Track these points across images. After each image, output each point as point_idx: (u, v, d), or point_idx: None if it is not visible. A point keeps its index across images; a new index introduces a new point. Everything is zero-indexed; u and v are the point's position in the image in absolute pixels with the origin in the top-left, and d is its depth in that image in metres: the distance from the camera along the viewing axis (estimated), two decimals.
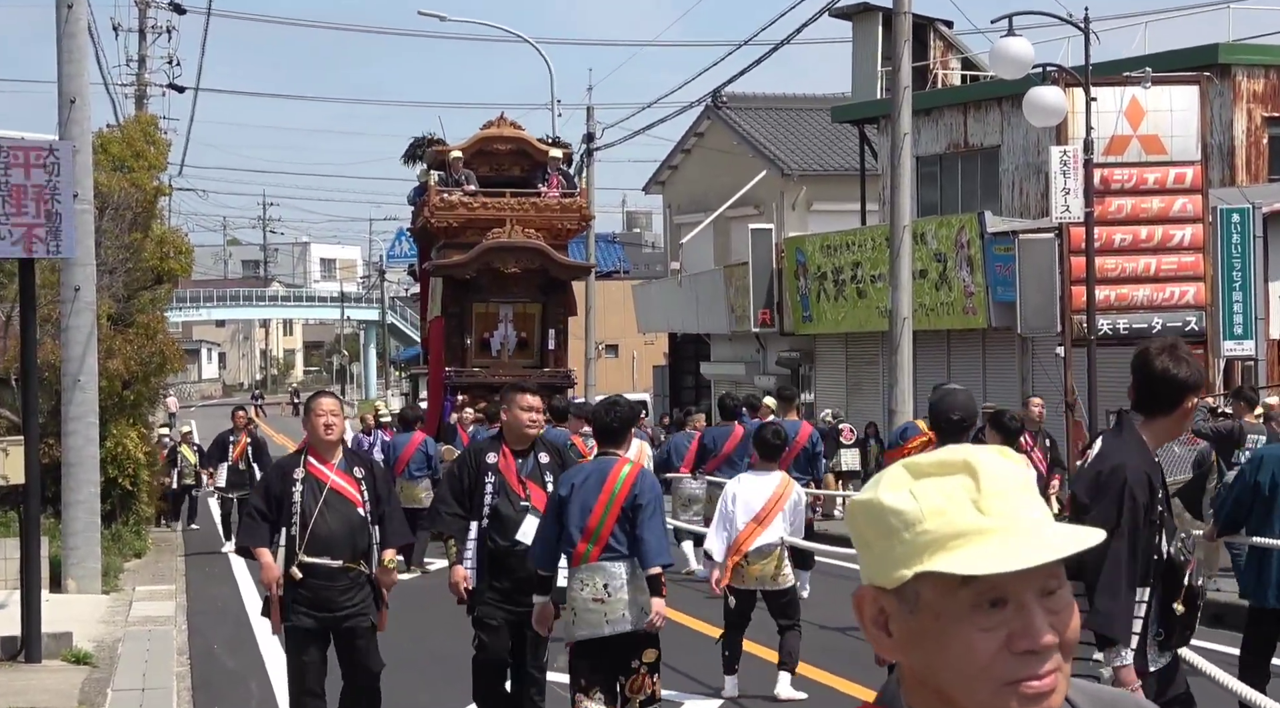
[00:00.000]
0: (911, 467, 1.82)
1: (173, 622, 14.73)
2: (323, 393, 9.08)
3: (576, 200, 25.94)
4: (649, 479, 7.93)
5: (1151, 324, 21.79)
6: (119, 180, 22.20)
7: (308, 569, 8.29)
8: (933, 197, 29.27)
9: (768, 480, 10.41)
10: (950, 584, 1.75)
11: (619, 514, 7.71)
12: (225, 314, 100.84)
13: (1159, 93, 21.48)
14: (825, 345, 32.24)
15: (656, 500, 7.82)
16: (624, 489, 7.73)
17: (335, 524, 8.32)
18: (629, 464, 7.88)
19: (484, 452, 8.81)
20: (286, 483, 8.40)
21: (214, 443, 23.04)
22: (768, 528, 10.22)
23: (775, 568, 10.32)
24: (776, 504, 10.26)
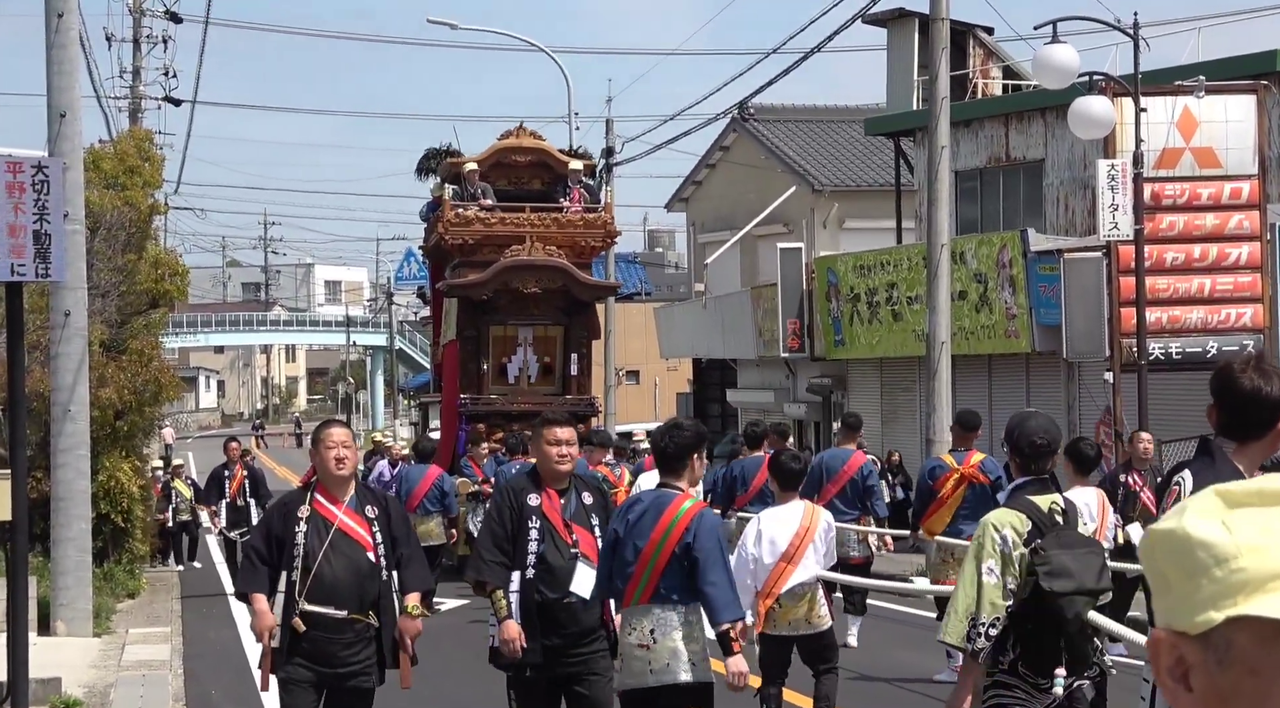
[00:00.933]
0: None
1: (168, 666, 14.73)
2: (333, 422, 8.74)
3: (601, 215, 25.52)
4: (708, 521, 7.53)
5: (1206, 348, 21.71)
6: (112, 199, 22.27)
7: (309, 619, 7.93)
8: (972, 213, 29.23)
9: (791, 512, 10.01)
10: (1272, 634, 1.58)
11: (669, 558, 7.41)
12: (224, 340, 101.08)
13: (1213, 102, 21.43)
14: (858, 371, 32.17)
15: (716, 547, 7.42)
16: (677, 531, 7.41)
17: (341, 570, 7.96)
18: (690, 501, 7.55)
19: (523, 492, 8.27)
20: (289, 522, 8.03)
21: (209, 479, 22.77)
22: (799, 565, 9.84)
23: (810, 609, 9.97)
24: (805, 537, 9.87)
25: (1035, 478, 6.54)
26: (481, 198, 25.07)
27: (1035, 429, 6.63)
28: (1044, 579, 6.19)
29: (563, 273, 24.34)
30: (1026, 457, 6.59)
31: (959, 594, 6.31)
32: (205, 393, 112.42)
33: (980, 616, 6.21)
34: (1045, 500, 6.45)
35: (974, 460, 13.55)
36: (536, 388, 24.88)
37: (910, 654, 14.67)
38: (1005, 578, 6.23)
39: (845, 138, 39.16)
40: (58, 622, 16.37)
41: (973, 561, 6.29)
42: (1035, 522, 6.33)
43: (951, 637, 6.30)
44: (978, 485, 13.37)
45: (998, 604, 6.22)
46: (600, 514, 8.18)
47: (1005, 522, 6.33)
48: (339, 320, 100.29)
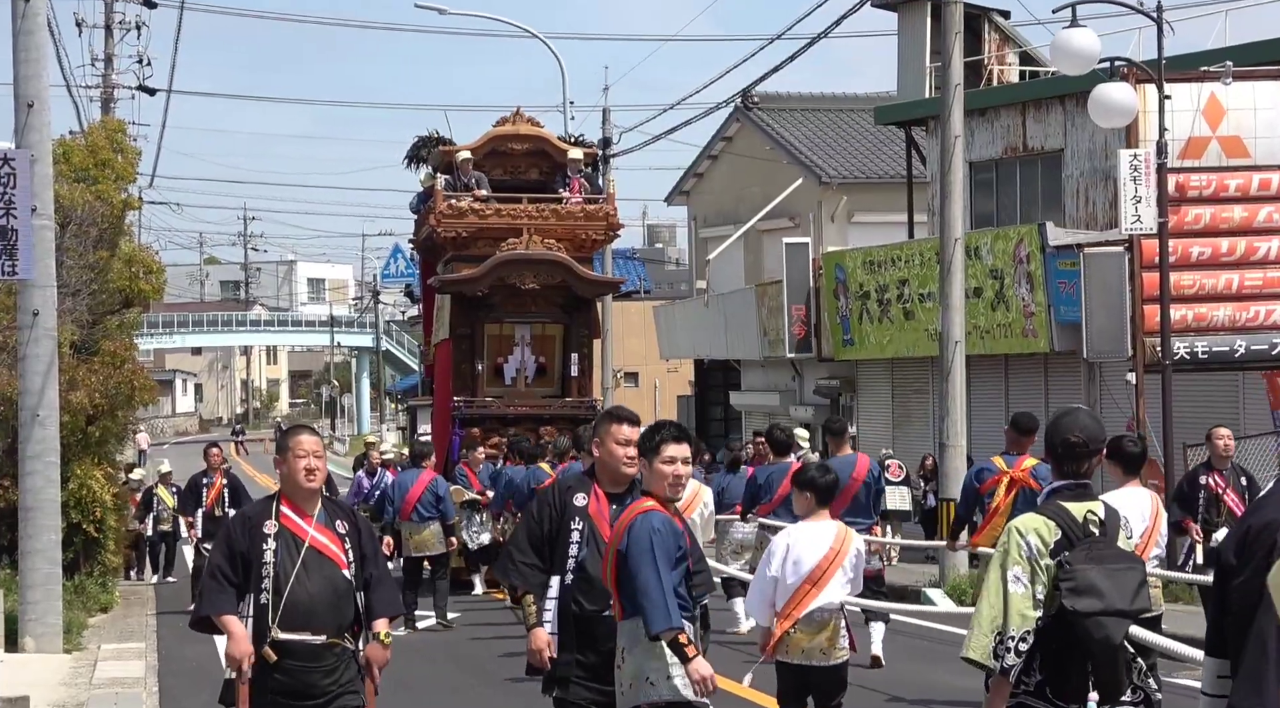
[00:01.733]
0: None
1: (142, 684, 14.70)
2: (302, 427, 8.18)
3: (602, 206, 25.12)
4: (640, 524, 7.20)
5: (1234, 347, 21.72)
6: (82, 193, 22.25)
7: (283, 649, 7.52)
8: (988, 206, 29.21)
9: (823, 533, 9.59)
10: None
11: (617, 569, 7.25)
12: (202, 341, 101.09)
13: (1241, 89, 21.44)
14: (869, 372, 32.16)
15: (645, 551, 7.10)
16: (619, 539, 7.26)
17: (317, 590, 7.56)
18: (646, 504, 7.32)
19: (571, 491, 8.01)
20: (255, 538, 7.61)
21: (187, 487, 22.43)
22: (823, 589, 9.44)
23: (829, 640, 9.51)
24: (834, 561, 9.48)
25: (1073, 482, 6.22)
26: (476, 188, 24.74)
27: (1070, 426, 6.31)
28: (1067, 597, 5.94)
29: (562, 268, 24.03)
30: (1059, 457, 6.29)
31: (982, 606, 6.05)
32: (182, 397, 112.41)
33: (1008, 629, 5.95)
34: (1081, 508, 6.14)
35: (1026, 464, 13.29)
36: (535, 389, 24.58)
37: (937, 671, 14.57)
38: (1034, 587, 5.99)
39: (854, 127, 39.16)
40: (26, 638, 16.35)
41: (997, 568, 6.05)
42: (1065, 531, 6.05)
43: (975, 653, 6.03)
44: (1029, 493, 12.94)
45: (1028, 616, 5.96)
46: None
47: (1030, 527, 6.07)
48: (323, 320, 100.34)
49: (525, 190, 25.02)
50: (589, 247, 25.36)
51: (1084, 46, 18.74)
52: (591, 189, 25.50)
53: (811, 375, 33.86)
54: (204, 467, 21.96)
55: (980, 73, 31.21)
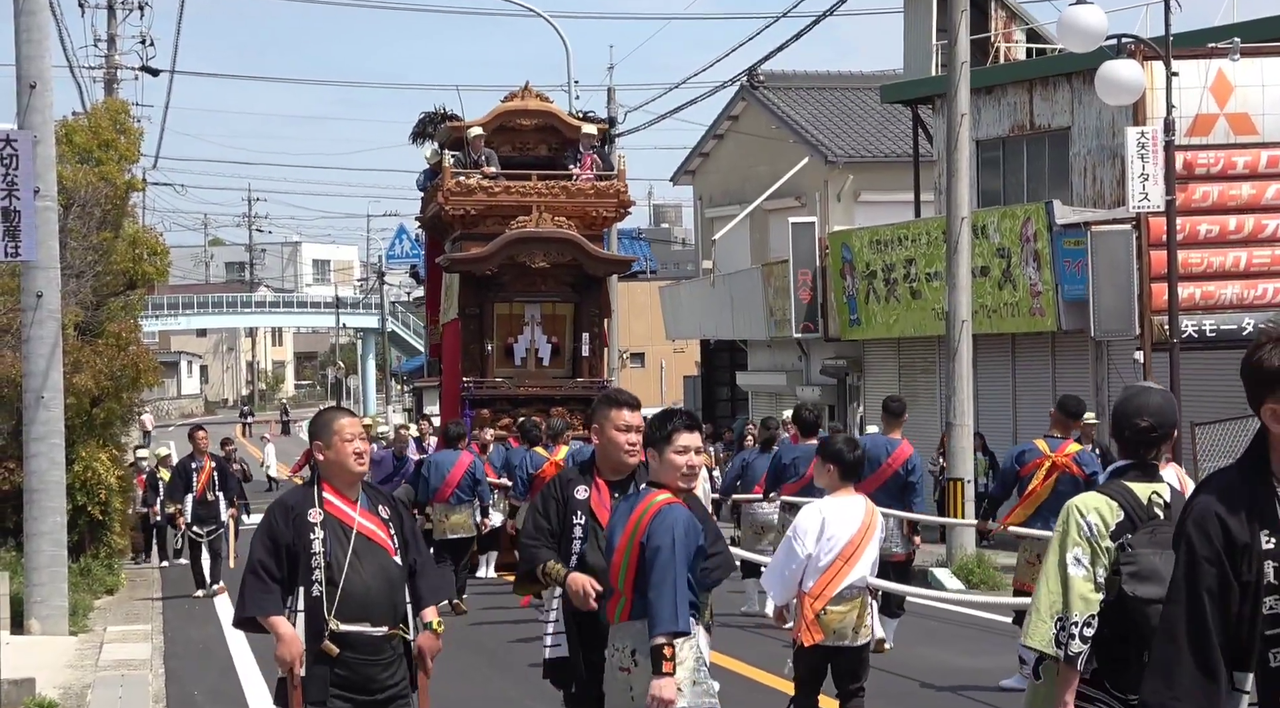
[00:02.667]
0: None
1: (148, 666, 14.74)
2: (340, 410, 7.77)
3: (613, 183, 24.81)
4: (666, 517, 6.81)
5: (1241, 325, 21.68)
6: (86, 174, 22.26)
7: (344, 641, 7.12)
8: (995, 185, 29.17)
9: (854, 508, 9.40)
10: None
11: (636, 566, 6.82)
12: (207, 322, 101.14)
13: (1249, 66, 21.39)
14: (875, 352, 32.15)
15: (668, 546, 6.73)
16: (640, 533, 6.81)
17: (372, 580, 7.18)
18: (660, 496, 6.92)
19: (572, 484, 7.78)
20: (300, 528, 7.19)
21: (175, 471, 22.16)
22: (854, 566, 9.25)
23: (857, 617, 9.29)
24: (865, 536, 9.32)
25: (1139, 462, 5.84)
26: (485, 165, 24.49)
27: (1140, 409, 5.85)
28: (1127, 582, 5.60)
29: (573, 246, 23.78)
30: (1127, 441, 5.87)
31: (1041, 591, 5.72)
32: (187, 379, 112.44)
33: (1070, 614, 5.64)
34: (1145, 489, 5.78)
35: (1069, 449, 12.94)
36: (546, 370, 24.36)
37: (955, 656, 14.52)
38: (1095, 569, 5.66)
39: (860, 106, 39.10)
40: (32, 620, 16.38)
41: (1056, 550, 5.72)
42: (1129, 512, 5.71)
43: (1036, 641, 5.70)
44: (1070, 477, 12.71)
45: (1090, 599, 5.64)
46: None
47: (1091, 506, 5.73)
48: (328, 302, 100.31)
49: (534, 167, 24.76)
50: (600, 224, 25.10)
51: (1091, 24, 18.70)
52: (604, 166, 25.16)
53: (818, 356, 33.86)
54: (191, 451, 21.58)
55: (987, 50, 31.14)
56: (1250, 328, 21.73)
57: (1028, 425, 26.78)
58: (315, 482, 7.35)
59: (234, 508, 21.43)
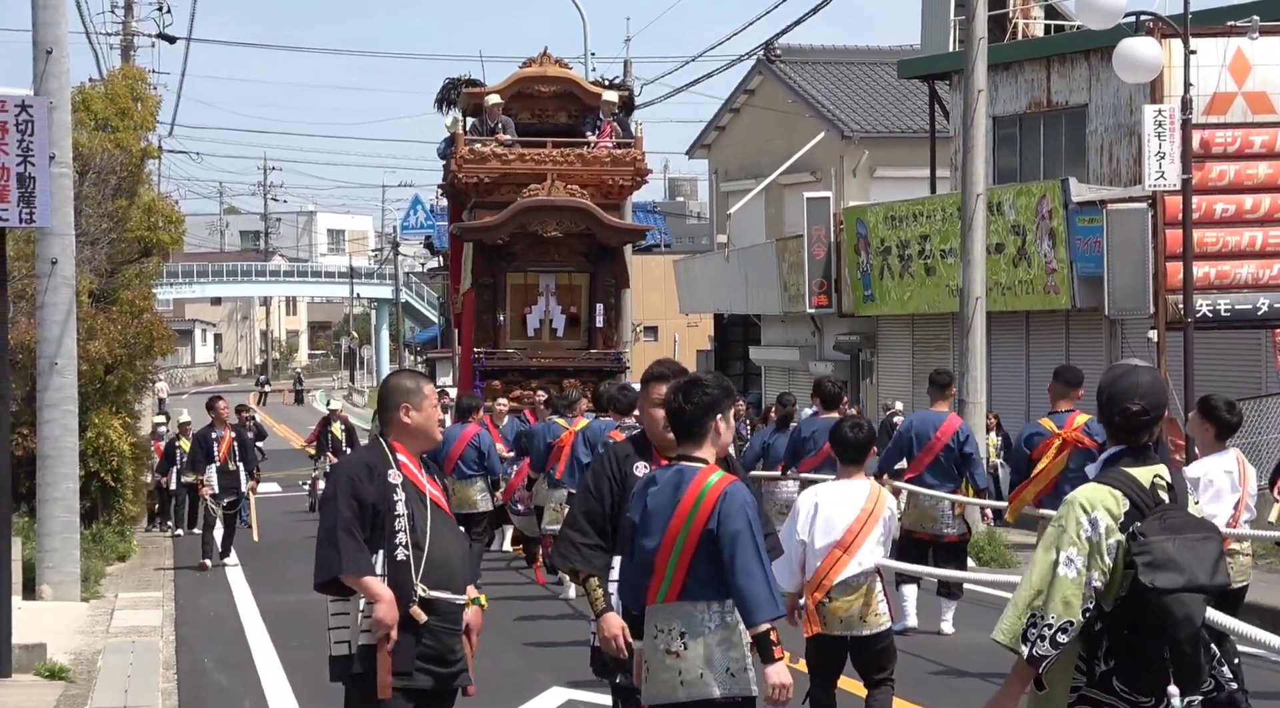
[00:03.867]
0: None
1: (159, 633, 14.78)
2: (421, 375, 7.49)
3: (630, 152, 24.34)
4: (736, 499, 6.46)
5: (1257, 305, 21.62)
6: (102, 141, 22.29)
7: (430, 607, 6.86)
8: (1011, 162, 29.11)
9: (854, 492, 8.99)
10: None
11: (695, 547, 6.46)
12: (221, 291, 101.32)
13: (1268, 44, 21.28)
14: (889, 328, 32.13)
15: (747, 530, 6.41)
16: (702, 513, 6.44)
17: (450, 545, 6.94)
18: (715, 476, 6.52)
19: (629, 460, 7.41)
20: (384, 489, 6.88)
21: (195, 442, 21.90)
22: (855, 555, 8.85)
23: (865, 605, 8.93)
24: (867, 523, 8.88)
25: (1133, 447, 5.50)
26: (501, 132, 24.16)
27: (1129, 391, 5.51)
28: (1144, 572, 5.23)
29: (585, 215, 23.43)
30: (1118, 427, 5.52)
31: (1023, 584, 5.41)
32: (201, 347, 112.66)
33: (1047, 614, 5.29)
34: (1146, 473, 5.44)
35: (1076, 422, 12.48)
36: (560, 341, 24.11)
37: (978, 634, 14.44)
38: (1090, 572, 5.31)
39: (877, 81, 39.01)
40: (44, 585, 16.43)
41: (1049, 546, 5.38)
42: (1134, 501, 5.37)
43: (1003, 635, 5.37)
44: (1083, 452, 12.18)
45: (1072, 605, 5.29)
46: None
47: (1097, 501, 5.37)
48: (342, 271, 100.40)
49: (553, 135, 24.39)
50: (616, 193, 24.65)
51: (1110, 1, 18.62)
52: (624, 134, 24.72)
53: (831, 331, 33.84)
54: (210, 420, 21.31)
55: (1005, 26, 31.05)
56: (1265, 308, 21.67)
57: (1040, 404, 26.66)
58: (388, 443, 7.03)
59: (254, 480, 21.37)
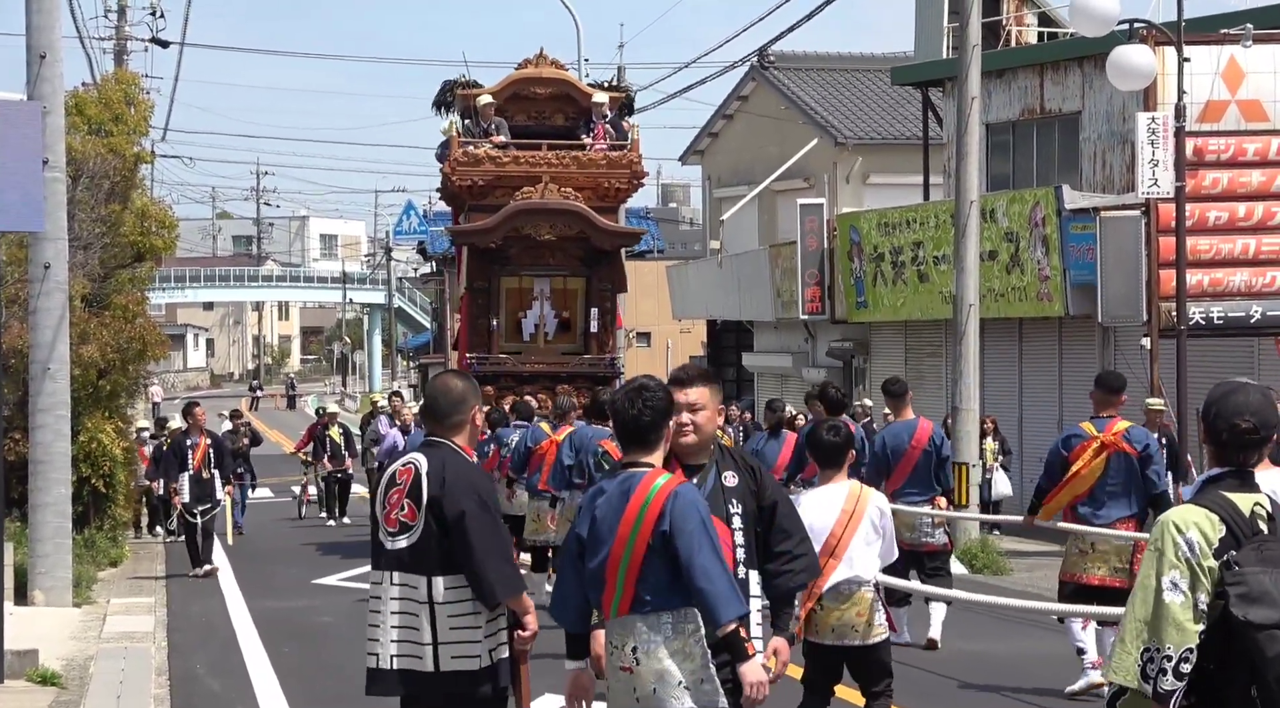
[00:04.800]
0: None
1: (151, 639, 14.76)
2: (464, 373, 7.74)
3: (626, 154, 23.84)
4: (685, 499, 6.27)
5: (1249, 313, 21.65)
6: (95, 145, 22.25)
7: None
8: (1004, 169, 29.12)
9: (832, 495, 8.79)
10: None
11: (644, 554, 6.25)
12: (214, 296, 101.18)
13: (1261, 52, 21.33)
14: (882, 335, 32.13)
15: (700, 530, 6.23)
16: (649, 518, 6.24)
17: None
18: (662, 478, 6.35)
19: None
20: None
21: (170, 449, 21.42)
22: (843, 559, 8.68)
23: (859, 616, 8.75)
24: (848, 526, 8.71)
25: (1234, 470, 5.19)
26: (495, 134, 23.76)
27: (1239, 408, 5.22)
28: (1236, 605, 4.91)
29: (580, 218, 22.99)
30: (1224, 445, 5.20)
31: (1129, 617, 5.05)
32: (193, 352, 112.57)
33: (1163, 645, 4.94)
34: (1247, 500, 5.13)
35: (1117, 427, 12.03)
36: (554, 346, 23.67)
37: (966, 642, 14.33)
38: (1196, 594, 4.97)
39: (871, 88, 39.04)
40: (35, 591, 16.39)
41: (1151, 573, 5.05)
42: (1231, 527, 5.06)
43: (1121, 675, 5.03)
44: (1123, 456, 11.90)
45: (1187, 630, 4.93)
46: (747, 499, 6.81)
47: (1190, 522, 5.06)
48: (335, 277, 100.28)
49: (549, 137, 23.96)
50: (612, 196, 24.16)
51: (1103, 8, 18.65)
52: (617, 136, 24.22)
53: (824, 337, 33.83)
54: (184, 426, 21.19)
55: (998, 34, 31.08)
56: (1258, 315, 21.70)
57: (1033, 410, 26.79)
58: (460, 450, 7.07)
59: (230, 486, 21.18)
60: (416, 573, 6.85)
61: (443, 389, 7.17)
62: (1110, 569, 11.66)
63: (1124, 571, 11.55)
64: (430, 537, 6.84)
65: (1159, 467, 12.10)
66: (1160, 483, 11.98)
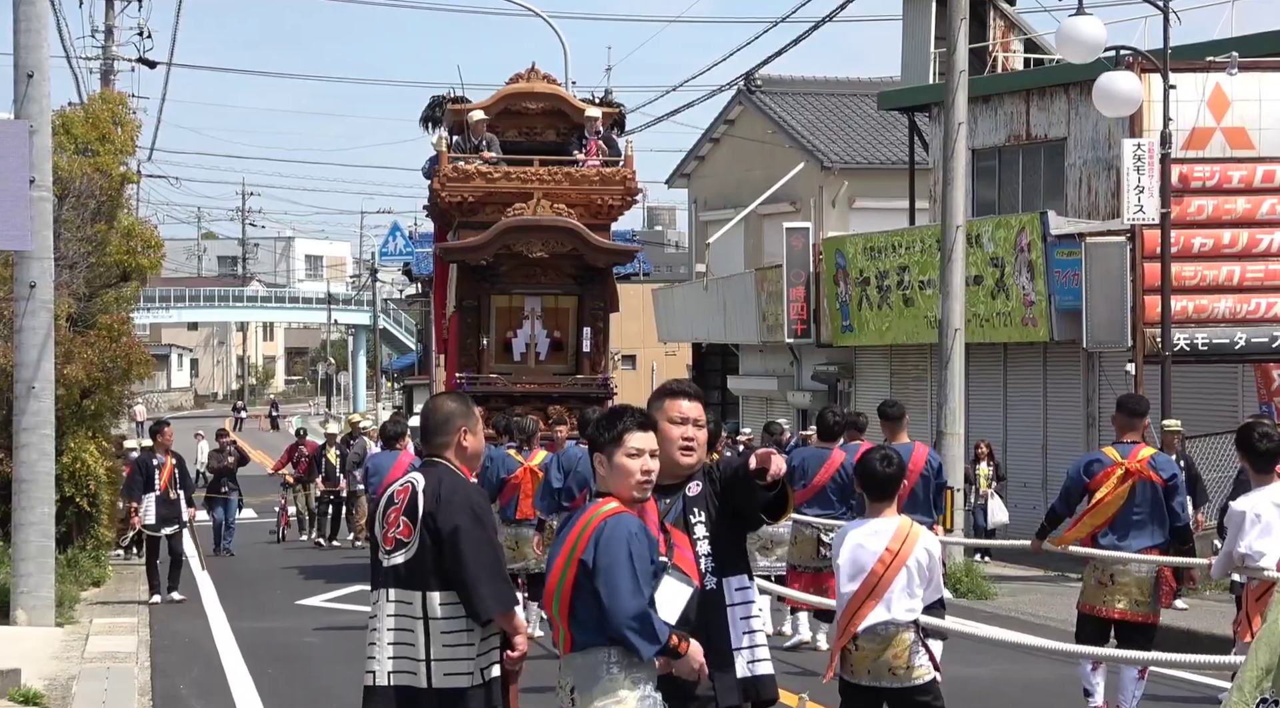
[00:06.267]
0: None
1: (134, 659, 14.72)
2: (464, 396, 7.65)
3: (620, 170, 23.39)
4: (613, 529, 5.98)
5: (1234, 339, 21.71)
6: (82, 165, 22.24)
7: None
8: (990, 194, 29.20)
9: (880, 530, 8.23)
10: None
11: (572, 588, 5.99)
12: (198, 316, 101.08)
13: (1246, 80, 21.41)
14: (867, 359, 32.16)
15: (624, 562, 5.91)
16: (579, 549, 5.99)
17: None
18: (607, 506, 6.09)
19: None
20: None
21: (135, 468, 20.95)
22: (881, 600, 8.12)
23: (896, 658, 8.15)
24: (892, 565, 8.11)
25: None
26: (485, 150, 23.36)
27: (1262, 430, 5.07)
28: None
29: (572, 235, 22.55)
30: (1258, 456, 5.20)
31: (1250, 663, 4.81)
32: (177, 372, 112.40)
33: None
34: None
35: (1141, 454, 11.51)
36: (545, 366, 23.20)
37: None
38: None
39: (857, 112, 39.13)
40: (18, 610, 16.36)
41: (1276, 620, 4.85)
42: None
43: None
44: (1148, 484, 11.41)
45: None
46: (708, 507, 6.56)
47: None
48: (320, 297, 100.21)
49: (541, 153, 23.56)
50: (606, 213, 23.57)
51: (1090, 35, 18.72)
52: (610, 152, 23.80)
53: (810, 361, 33.87)
54: (150, 444, 20.96)
55: (985, 59, 31.19)
56: (1243, 342, 21.77)
57: (1018, 435, 26.83)
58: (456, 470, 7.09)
59: (193, 508, 20.99)
60: (412, 589, 6.88)
61: (431, 409, 7.22)
62: (1131, 602, 11.18)
63: (1146, 604, 11.17)
64: (425, 552, 6.86)
65: (1183, 498, 11.62)
66: (1184, 515, 11.51)
